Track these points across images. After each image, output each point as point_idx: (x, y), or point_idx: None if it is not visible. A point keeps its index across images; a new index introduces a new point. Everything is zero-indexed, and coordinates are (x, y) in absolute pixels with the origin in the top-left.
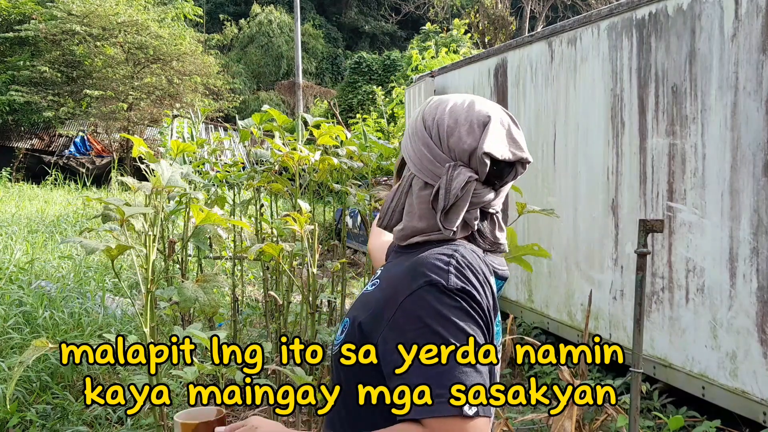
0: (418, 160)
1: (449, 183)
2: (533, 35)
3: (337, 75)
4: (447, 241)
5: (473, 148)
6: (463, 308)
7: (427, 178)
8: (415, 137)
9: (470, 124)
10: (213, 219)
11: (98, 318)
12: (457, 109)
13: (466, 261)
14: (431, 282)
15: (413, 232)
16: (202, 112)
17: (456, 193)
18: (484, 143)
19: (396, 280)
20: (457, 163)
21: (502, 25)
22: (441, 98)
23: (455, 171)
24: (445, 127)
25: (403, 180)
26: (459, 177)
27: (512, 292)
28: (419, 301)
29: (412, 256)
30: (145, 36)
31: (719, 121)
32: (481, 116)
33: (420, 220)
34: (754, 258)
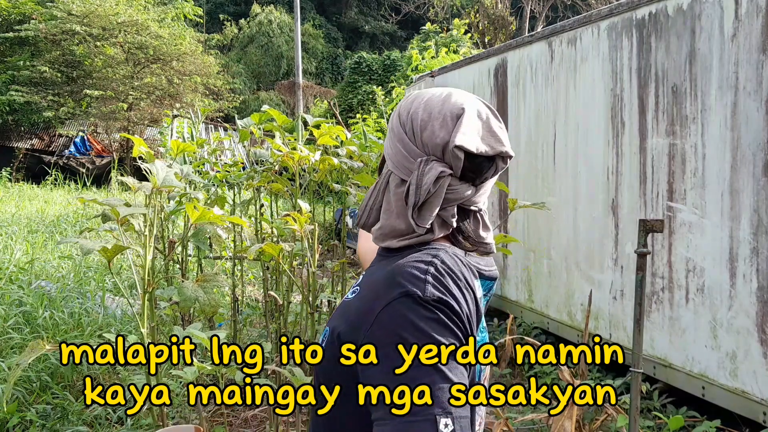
0: (395, 156)
1: (420, 178)
2: (533, 35)
3: (337, 75)
4: (428, 244)
5: (446, 142)
6: (441, 320)
7: (403, 174)
8: (392, 133)
9: (443, 117)
10: (208, 217)
11: (98, 318)
12: (433, 102)
13: (446, 267)
14: (407, 293)
15: (392, 231)
16: (202, 112)
17: (427, 188)
18: (456, 136)
19: (374, 289)
20: (430, 157)
21: (502, 25)
22: (419, 92)
23: (427, 166)
24: (419, 121)
25: (382, 177)
26: (431, 172)
27: (512, 292)
28: (395, 313)
29: (393, 260)
30: (145, 36)
31: (719, 121)
32: (455, 108)
33: (398, 219)
34: (754, 258)
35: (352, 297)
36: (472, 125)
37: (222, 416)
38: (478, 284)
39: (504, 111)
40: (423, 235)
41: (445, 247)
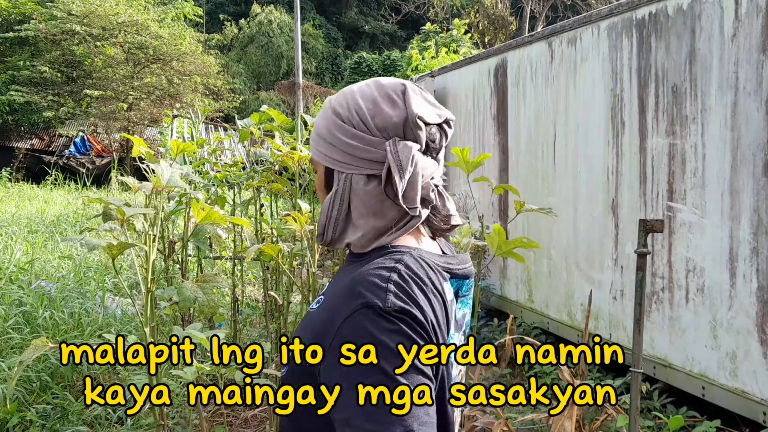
0: (351, 157)
1: (398, 159)
2: (533, 35)
3: (337, 75)
4: (394, 248)
5: (404, 118)
6: (403, 331)
7: (368, 169)
8: (335, 138)
9: (389, 98)
10: (213, 217)
11: (98, 318)
12: (367, 92)
13: (411, 272)
14: (367, 303)
15: (376, 232)
16: (202, 112)
17: (407, 166)
18: (413, 108)
19: (336, 300)
20: (394, 138)
21: (502, 25)
22: (337, 95)
23: (397, 146)
24: (365, 111)
25: (338, 187)
26: (405, 150)
27: (512, 292)
28: (355, 326)
29: (358, 266)
30: (145, 36)
31: (719, 121)
32: (395, 86)
33: (376, 218)
34: (754, 258)
35: (316, 307)
36: (417, 98)
37: (222, 416)
38: (448, 287)
39: (504, 111)
40: (410, 221)
41: (410, 249)
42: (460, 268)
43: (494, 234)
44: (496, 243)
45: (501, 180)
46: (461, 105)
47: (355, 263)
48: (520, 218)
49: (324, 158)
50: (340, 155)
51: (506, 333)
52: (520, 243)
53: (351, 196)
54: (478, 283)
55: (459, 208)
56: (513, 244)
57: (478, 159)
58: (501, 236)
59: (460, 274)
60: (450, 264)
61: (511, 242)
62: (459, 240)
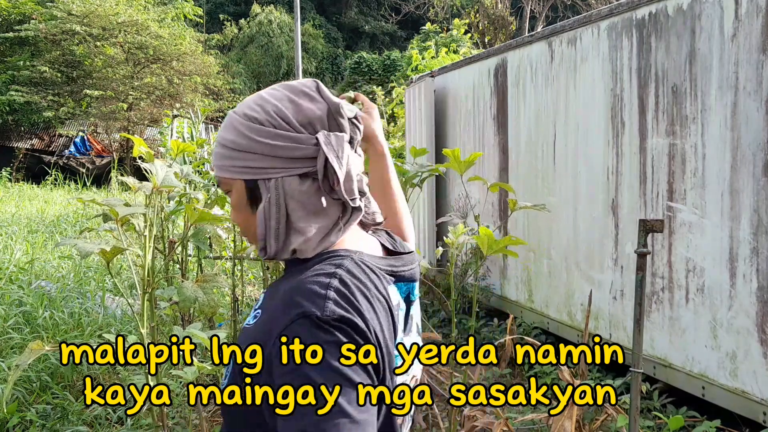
0: (278, 159)
1: (333, 149)
2: (533, 35)
3: (337, 75)
4: (333, 253)
5: (326, 109)
6: (342, 342)
7: (300, 168)
8: (253, 145)
9: (305, 94)
10: (206, 218)
11: (98, 318)
12: (278, 93)
13: (352, 277)
14: (304, 314)
15: (321, 233)
16: (202, 112)
17: (342, 156)
18: (332, 99)
19: (272, 311)
20: (323, 131)
21: (502, 25)
22: (241, 105)
23: (327, 137)
24: (284, 110)
25: (270, 194)
26: (337, 139)
27: (512, 292)
28: (292, 337)
29: (297, 274)
30: (145, 36)
31: (719, 121)
32: (307, 83)
33: (319, 217)
34: (754, 258)
35: (253, 322)
36: (330, 93)
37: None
38: (393, 290)
39: (504, 111)
40: (352, 215)
41: (351, 253)
42: (405, 270)
43: (482, 235)
44: (485, 243)
45: (501, 180)
46: (461, 105)
47: (294, 271)
48: (521, 218)
49: (242, 171)
50: (263, 161)
51: (506, 333)
52: (509, 241)
53: (287, 201)
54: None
55: (458, 208)
56: (502, 242)
57: (471, 158)
58: (490, 237)
59: (407, 276)
60: (394, 267)
61: (501, 241)
62: (453, 240)
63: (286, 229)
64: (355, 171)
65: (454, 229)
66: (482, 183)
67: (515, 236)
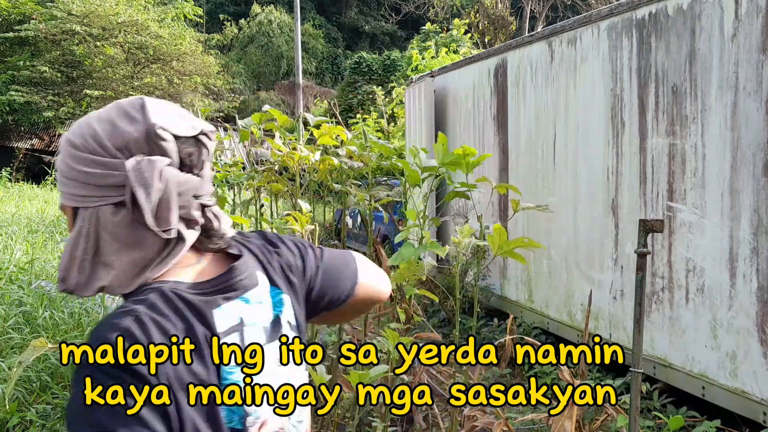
0: (93, 187)
1: (140, 176)
2: (533, 35)
3: (337, 75)
4: (146, 286)
5: (145, 130)
6: (128, 392)
7: (115, 197)
8: (73, 172)
9: (127, 114)
10: None
11: (98, 318)
12: (104, 115)
13: (150, 317)
14: (86, 360)
15: (135, 266)
16: (202, 112)
17: (153, 183)
18: (152, 119)
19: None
20: (137, 156)
21: (502, 25)
22: (72, 127)
23: (140, 164)
24: (100, 134)
25: (82, 223)
26: (148, 165)
27: (512, 292)
28: (76, 385)
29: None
30: (145, 36)
31: (719, 121)
32: (133, 102)
33: (133, 250)
34: (754, 258)
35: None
36: (161, 109)
37: None
38: (222, 313)
39: (504, 111)
40: (176, 247)
41: (162, 286)
42: (237, 282)
43: (495, 234)
44: (497, 243)
45: (501, 180)
46: (461, 105)
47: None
48: (521, 218)
49: (68, 198)
50: (81, 189)
51: (506, 333)
52: (521, 243)
53: (100, 232)
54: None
55: (458, 208)
56: (514, 243)
57: (478, 159)
58: (503, 236)
59: (241, 287)
60: (222, 284)
61: (512, 242)
62: (460, 240)
63: (92, 264)
64: (180, 196)
65: (461, 229)
66: (481, 183)
67: (515, 236)
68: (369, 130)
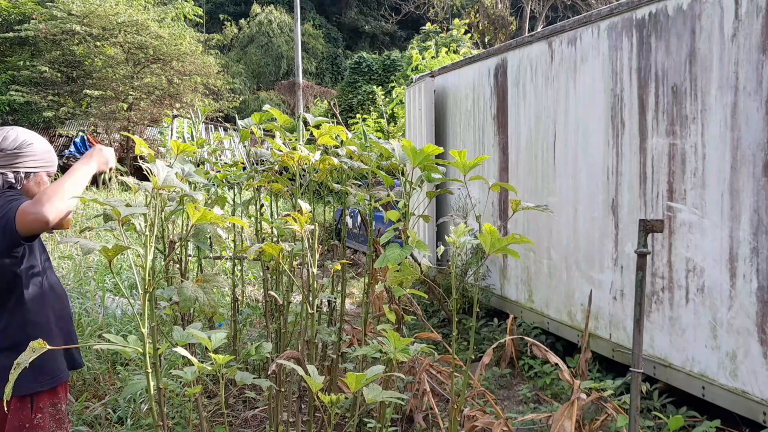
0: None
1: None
2: (533, 35)
3: (337, 75)
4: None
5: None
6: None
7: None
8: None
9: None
10: (208, 218)
11: (98, 318)
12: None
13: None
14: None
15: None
16: (202, 112)
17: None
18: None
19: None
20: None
21: (502, 25)
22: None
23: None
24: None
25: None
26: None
27: (512, 292)
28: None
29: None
30: (145, 36)
31: (719, 121)
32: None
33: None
34: (754, 258)
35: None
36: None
37: (222, 416)
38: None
39: (504, 111)
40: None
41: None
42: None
43: (486, 233)
44: (489, 241)
45: (501, 180)
46: (461, 105)
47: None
48: (521, 218)
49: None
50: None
51: (506, 333)
52: (512, 240)
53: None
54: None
55: (458, 208)
56: (506, 241)
57: (476, 160)
58: (494, 235)
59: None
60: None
61: (504, 240)
62: (455, 240)
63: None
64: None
65: (456, 229)
66: (483, 183)
67: (513, 234)
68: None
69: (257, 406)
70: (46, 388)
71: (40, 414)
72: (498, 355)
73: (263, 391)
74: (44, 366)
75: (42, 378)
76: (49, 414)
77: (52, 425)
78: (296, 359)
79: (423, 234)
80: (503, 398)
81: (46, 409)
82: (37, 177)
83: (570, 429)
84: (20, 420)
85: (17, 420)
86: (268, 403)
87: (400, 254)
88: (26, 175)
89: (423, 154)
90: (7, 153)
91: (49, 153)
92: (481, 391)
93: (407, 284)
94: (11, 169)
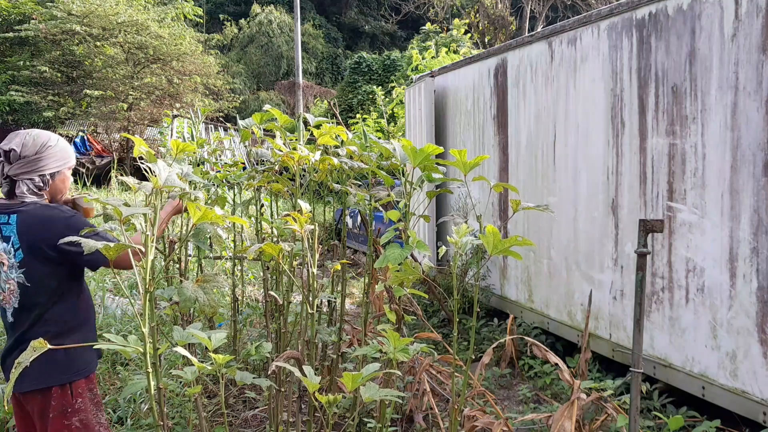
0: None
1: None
2: (533, 35)
3: (337, 75)
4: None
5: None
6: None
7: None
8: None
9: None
10: (210, 217)
11: (98, 318)
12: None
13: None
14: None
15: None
16: (202, 112)
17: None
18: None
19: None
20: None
21: (502, 25)
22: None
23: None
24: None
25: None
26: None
27: (512, 292)
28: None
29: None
30: (145, 36)
31: (719, 121)
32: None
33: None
34: (754, 258)
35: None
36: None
37: (222, 416)
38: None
39: (504, 111)
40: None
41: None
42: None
43: (489, 234)
44: (491, 243)
45: (501, 180)
46: (461, 105)
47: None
48: (521, 218)
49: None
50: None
51: (506, 333)
52: (515, 242)
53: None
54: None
55: (458, 208)
56: (508, 242)
57: (476, 160)
58: (496, 236)
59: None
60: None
61: (506, 241)
62: (457, 240)
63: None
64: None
65: (458, 229)
66: (482, 183)
67: (516, 236)
68: (369, 130)
69: (257, 406)
70: (83, 377)
71: (80, 398)
72: (498, 355)
73: (263, 391)
74: (82, 357)
75: (78, 367)
76: (88, 398)
77: (92, 408)
78: (296, 359)
79: (423, 234)
80: (503, 398)
81: (84, 394)
82: (61, 174)
83: (570, 429)
84: (63, 405)
85: (60, 406)
86: (268, 403)
87: (401, 254)
88: (51, 176)
89: (423, 153)
90: (30, 160)
91: (66, 149)
92: (481, 391)
93: (408, 284)
94: (37, 173)
